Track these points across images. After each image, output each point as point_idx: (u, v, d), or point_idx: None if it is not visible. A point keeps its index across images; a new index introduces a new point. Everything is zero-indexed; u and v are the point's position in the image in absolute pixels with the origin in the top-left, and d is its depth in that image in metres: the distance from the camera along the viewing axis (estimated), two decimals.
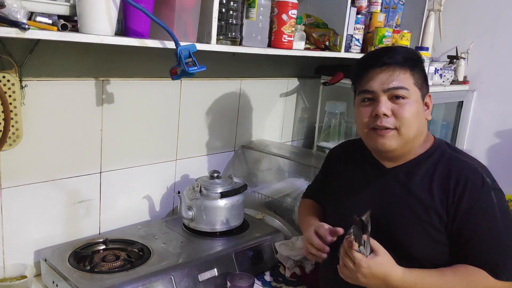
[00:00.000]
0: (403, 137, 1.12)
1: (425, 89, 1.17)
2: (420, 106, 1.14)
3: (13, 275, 1.31)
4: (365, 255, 1.00)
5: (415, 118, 1.12)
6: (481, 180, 1.09)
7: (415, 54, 1.18)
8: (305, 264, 1.48)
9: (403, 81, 1.11)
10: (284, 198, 1.78)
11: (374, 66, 1.13)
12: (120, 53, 1.44)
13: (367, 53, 1.25)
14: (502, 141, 2.32)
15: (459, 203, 1.08)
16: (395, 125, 1.11)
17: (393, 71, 1.11)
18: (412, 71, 1.13)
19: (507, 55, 2.27)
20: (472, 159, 1.17)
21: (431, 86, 2.02)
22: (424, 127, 1.18)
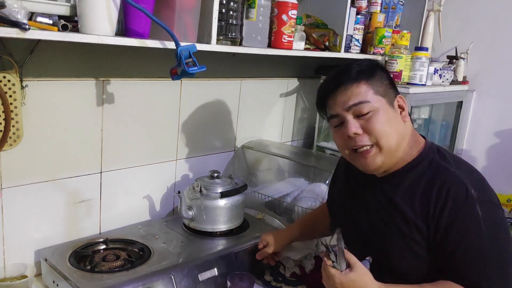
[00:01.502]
0: (385, 150, 1.08)
1: (392, 93, 1.12)
2: (390, 112, 1.09)
3: (13, 274, 1.32)
4: (339, 270, 1.01)
5: (390, 127, 1.08)
6: (464, 192, 1.02)
7: (367, 64, 1.13)
8: (305, 264, 1.48)
9: (361, 95, 1.07)
10: (284, 198, 1.78)
11: (330, 90, 1.12)
12: (120, 53, 1.45)
13: (324, 79, 1.20)
14: (501, 141, 2.33)
15: (440, 217, 1.03)
16: (372, 141, 1.07)
17: (348, 88, 1.08)
18: (368, 81, 1.08)
19: (507, 55, 2.28)
20: (462, 168, 1.10)
21: (431, 87, 2.04)
22: (406, 131, 1.12)
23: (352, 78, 1.09)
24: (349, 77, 1.09)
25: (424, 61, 1.94)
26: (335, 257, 1.02)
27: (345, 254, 1.01)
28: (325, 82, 1.17)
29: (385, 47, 1.99)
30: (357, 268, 1.02)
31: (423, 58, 1.93)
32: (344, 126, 1.10)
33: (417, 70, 1.93)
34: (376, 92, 1.09)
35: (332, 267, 1.02)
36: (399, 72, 1.89)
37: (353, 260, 1.02)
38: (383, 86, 1.10)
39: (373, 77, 1.10)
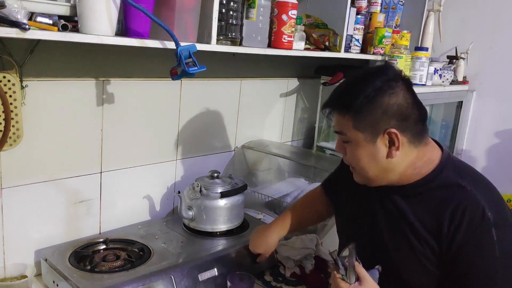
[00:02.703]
0: (362, 176, 1.09)
1: (380, 128, 1.01)
2: (367, 148, 1.03)
3: (13, 274, 1.32)
4: (349, 283, 1.01)
5: (363, 162, 1.05)
6: (481, 214, 0.98)
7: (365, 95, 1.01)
8: (305, 264, 1.48)
9: (342, 126, 1.06)
10: (284, 198, 1.78)
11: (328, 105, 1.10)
12: (120, 53, 1.45)
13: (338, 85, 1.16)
14: (501, 141, 2.33)
15: (453, 237, 0.99)
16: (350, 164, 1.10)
17: (336, 114, 1.07)
18: (353, 114, 1.02)
19: (507, 55, 2.28)
20: (479, 185, 1.04)
21: (431, 86, 2.04)
22: (392, 165, 1.04)
23: (340, 107, 1.05)
24: (340, 104, 1.06)
25: (424, 61, 1.94)
26: (345, 271, 1.01)
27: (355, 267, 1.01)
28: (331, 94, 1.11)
29: (385, 47, 1.99)
30: (367, 281, 1.00)
31: (423, 58, 1.93)
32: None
33: (417, 70, 1.94)
34: (356, 126, 1.03)
35: (341, 280, 1.01)
36: None
37: (362, 273, 1.01)
38: (370, 119, 1.01)
39: (361, 110, 1.01)
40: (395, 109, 1.01)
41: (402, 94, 1.01)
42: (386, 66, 1.09)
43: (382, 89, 1.00)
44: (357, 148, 1.05)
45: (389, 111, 1.01)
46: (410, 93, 1.04)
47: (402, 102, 1.01)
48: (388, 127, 1.01)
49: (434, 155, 1.08)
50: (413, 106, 1.03)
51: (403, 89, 1.02)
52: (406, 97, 1.02)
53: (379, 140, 1.02)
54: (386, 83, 1.01)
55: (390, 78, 1.03)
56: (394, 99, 1.00)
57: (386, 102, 1.00)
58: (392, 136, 1.01)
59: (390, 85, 1.01)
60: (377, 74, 1.04)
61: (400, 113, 1.01)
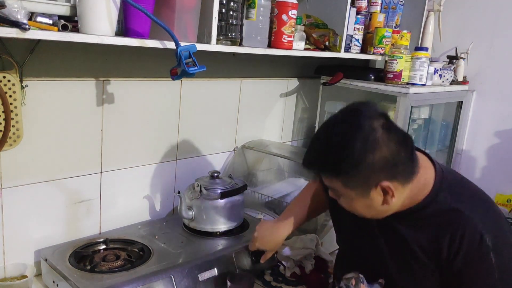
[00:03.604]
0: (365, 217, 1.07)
1: (370, 183, 0.98)
2: (362, 201, 1.01)
3: (13, 274, 1.32)
4: None
5: (361, 210, 1.04)
6: (479, 240, 0.98)
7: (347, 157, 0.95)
8: (305, 264, 1.48)
9: (330, 183, 1.03)
10: (284, 198, 1.78)
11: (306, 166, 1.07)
12: (121, 53, 1.45)
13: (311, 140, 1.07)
14: (501, 141, 2.33)
15: (453, 262, 1.00)
16: None
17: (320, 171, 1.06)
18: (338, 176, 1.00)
19: (507, 55, 2.28)
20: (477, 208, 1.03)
21: (431, 87, 2.04)
22: (388, 207, 1.02)
23: (324, 170, 1.03)
24: (322, 167, 1.03)
25: (424, 61, 1.94)
26: None
27: None
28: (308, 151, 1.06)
29: (385, 47, 2.00)
30: None
31: (423, 58, 1.93)
32: None
33: (417, 70, 1.93)
34: (344, 185, 1.00)
35: None
36: (399, 72, 1.89)
37: None
38: (358, 178, 0.98)
39: (346, 173, 0.98)
40: (382, 164, 0.96)
41: (384, 143, 0.95)
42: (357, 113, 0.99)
43: (364, 149, 0.94)
44: (351, 201, 1.04)
45: (376, 168, 0.96)
46: (391, 133, 0.97)
47: (387, 152, 0.95)
48: (379, 181, 0.98)
49: (428, 177, 1.05)
50: (398, 148, 0.97)
51: (383, 135, 0.95)
52: (389, 144, 0.95)
53: (372, 192, 1.00)
54: (366, 140, 0.94)
55: (366, 130, 0.95)
56: (378, 153, 0.95)
57: (371, 160, 0.95)
58: (385, 187, 0.98)
59: (370, 141, 0.94)
60: (352, 129, 0.96)
61: (388, 164, 0.96)
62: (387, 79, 1.92)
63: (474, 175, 2.37)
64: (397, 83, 1.89)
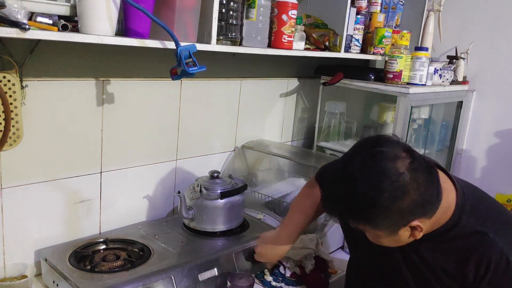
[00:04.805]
0: None
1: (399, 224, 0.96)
2: (391, 238, 1.01)
3: (13, 274, 1.32)
4: None
5: (389, 244, 1.04)
6: (505, 263, 0.98)
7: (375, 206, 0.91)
8: (305, 264, 1.48)
9: (358, 225, 1.01)
10: (284, 198, 1.78)
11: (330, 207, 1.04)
12: (121, 53, 1.45)
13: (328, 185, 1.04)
14: (501, 141, 2.33)
15: (479, 286, 1.01)
16: None
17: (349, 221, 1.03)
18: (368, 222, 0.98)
19: (507, 55, 2.27)
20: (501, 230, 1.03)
21: (431, 87, 2.03)
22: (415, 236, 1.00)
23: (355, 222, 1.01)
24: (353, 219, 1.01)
25: (424, 61, 1.93)
26: None
27: None
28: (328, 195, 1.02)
29: (385, 47, 2.00)
30: None
31: (423, 58, 1.93)
32: None
33: (417, 70, 1.93)
34: (374, 227, 0.99)
35: None
36: (399, 72, 1.89)
37: None
38: (388, 221, 0.95)
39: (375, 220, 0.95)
40: (411, 207, 0.92)
41: (412, 187, 0.91)
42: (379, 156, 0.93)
43: (393, 197, 0.90)
44: (378, 238, 1.03)
45: (405, 212, 0.93)
46: (417, 173, 0.92)
47: (415, 195, 0.91)
48: (408, 222, 0.96)
49: (450, 200, 1.03)
50: (426, 188, 0.93)
51: (410, 179, 0.91)
52: (417, 186, 0.91)
53: (401, 231, 0.98)
54: (394, 188, 0.90)
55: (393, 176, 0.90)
56: (407, 199, 0.91)
57: (400, 206, 0.91)
58: (414, 225, 0.97)
59: (398, 188, 0.90)
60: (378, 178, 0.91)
61: (417, 205, 0.93)
62: (387, 79, 1.92)
63: (474, 175, 2.37)
64: (397, 83, 1.89)
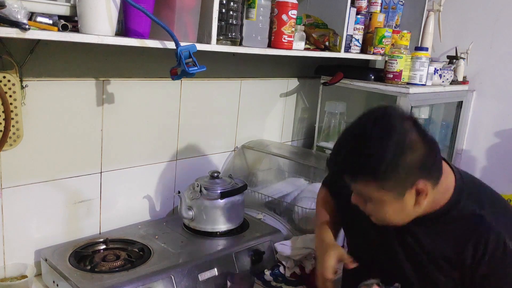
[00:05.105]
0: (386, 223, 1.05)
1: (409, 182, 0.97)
2: (396, 204, 0.99)
3: (13, 274, 1.32)
4: None
5: (390, 216, 1.02)
6: (502, 247, 0.98)
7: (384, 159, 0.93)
8: (305, 264, 1.48)
9: (363, 189, 1.00)
10: (284, 198, 1.78)
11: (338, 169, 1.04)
12: (121, 53, 1.45)
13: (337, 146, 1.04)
14: (501, 141, 2.33)
15: (477, 268, 1.00)
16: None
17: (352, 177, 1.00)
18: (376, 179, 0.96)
19: (507, 55, 2.28)
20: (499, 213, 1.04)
21: (431, 87, 2.04)
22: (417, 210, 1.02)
23: (359, 174, 0.98)
24: (357, 171, 0.98)
25: (424, 61, 1.94)
26: None
27: None
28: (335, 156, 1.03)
29: (385, 47, 2.00)
30: None
31: (423, 58, 1.93)
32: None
33: (417, 70, 1.93)
34: (381, 188, 0.97)
35: None
36: (399, 72, 1.89)
37: None
38: (396, 179, 0.96)
39: (385, 175, 0.95)
40: (418, 164, 0.95)
41: (419, 144, 0.95)
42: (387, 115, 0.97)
43: (400, 150, 0.93)
44: (383, 206, 1.00)
45: (413, 168, 0.95)
46: (422, 135, 0.96)
47: (422, 153, 0.95)
48: (415, 181, 0.97)
49: (449, 182, 1.05)
50: (430, 149, 0.97)
51: (417, 136, 0.95)
52: (423, 145, 0.95)
53: (407, 194, 0.98)
54: (402, 142, 0.94)
55: (400, 131, 0.94)
56: (415, 154, 0.94)
57: (408, 161, 0.94)
58: (420, 186, 0.97)
59: (406, 142, 0.94)
60: (386, 132, 0.94)
61: (423, 164, 0.96)
62: (387, 79, 1.92)
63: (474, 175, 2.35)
64: (397, 83, 1.89)
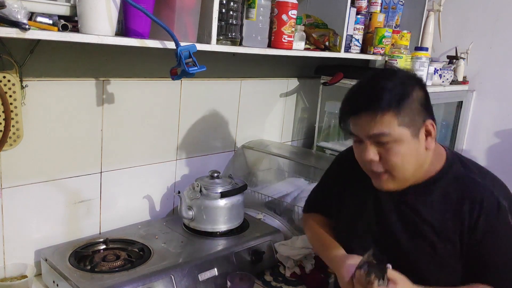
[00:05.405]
0: (398, 178, 1.07)
1: (420, 120, 1.05)
2: (412, 143, 1.04)
3: (13, 274, 1.32)
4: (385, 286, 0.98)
5: (407, 159, 1.05)
6: (497, 205, 1.03)
7: (401, 88, 1.03)
8: (305, 264, 1.48)
9: (384, 127, 1.02)
10: (284, 198, 1.78)
11: (355, 111, 1.06)
12: (121, 53, 1.45)
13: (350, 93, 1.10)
14: (501, 141, 2.33)
15: (474, 230, 1.04)
16: (386, 168, 1.06)
17: (372, 116, 1.02)
18: (395, 111, 1.01)
19: (507, 55, 2.28)
20: (488, 178, 1.10)
21: (431, 87, 2.04)
22: (426, 157, 1.09)
23: (380, 107, 1.01)
24: (377, 105, 1.02)
25: (424, 61, 1.94)
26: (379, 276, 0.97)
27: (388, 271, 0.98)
28: (352, 99, 1.09)
29: (385, 47, 1.99)
30: (399, 278, 0.99)
31: (423, 58, 1.93)
32: (363, 148, 1.07)
33: (417, 70, 1.93)
34: (401, 123, 1.02)
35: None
36: None
37: (395, 275, 0.99)
38: (411, 114, 1.03)
39: (403, 105, 1.02)
40: (423, 101, 1.06)
41: (422, 87, 1.07)
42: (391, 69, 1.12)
43: (409, 83, 1.05)
44: (402, 146, 1.04)
45: (421, 103, 1.05)
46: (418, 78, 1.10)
47: (423, 91, 1.07)
48: (425, 118, 1.06)
49: (441, 150, 1.15)
50: (427, 93, 1.09)
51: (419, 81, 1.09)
52: (420, 85, 1.07)
53: (421, 132, 1.06)
54: (405, 78, 1.06)
55: (406, 75, 1.08)
56: (418, 91, 1.05)
57: (416, 95, 1.04)
58: (429, 126, 1.06)
59: (409, 78, 1.07)
60: (395, 76, 1.07)
61: (426, 103, 1.07)
62: None
63: None
64: None
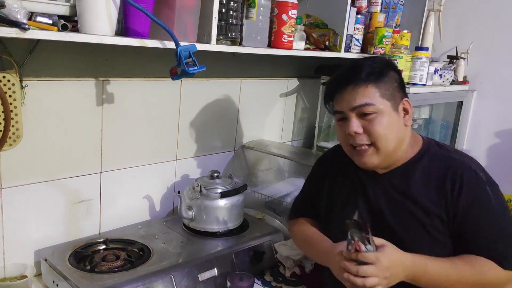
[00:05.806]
0: (382, 151, 1.12)
1: (398, 97, 1.15)
2: (394, 116, 1.13)
3: (13, 274, 1.32)
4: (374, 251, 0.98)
5: (390, 130, 1.12)
6: (475, 177, 1.11)
7: (379, 65, 1.14)
8: (305, 264, 1.48)
9: (367, 97, 1.10)
10: (284, 198, 1.78)
11: (339, 88, 1.14)
12: (120, 53, 1.45)
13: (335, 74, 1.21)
14: (502, 141, 2.33)
15: (457, 202, 1.10)
16: (370, 140, 1.12)
17: (355, 89, 1.11)
18: (376, 83, 1.11)
19: (507, 55, 2.27)
20: (463, 155, 1.19)
21: (431, 86, 2.04)
22: (406, 134, 1.17)
23: (362, 79, 1.11)
24: (358, 77, 1.11)
25: (424, 61, 1.93)
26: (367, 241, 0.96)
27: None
28: (335, 78, 1.19)
29: (385, 47, 1.99)
30: (385, 242, 1.02)
31: (423, 58, 1.93)
32: (346, 124, 1.13)
33: (417, 70, 1.93)
34: (382, 95, 1.11)
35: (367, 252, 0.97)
36: None
37: (380, 240, 1.01)
38: (391, 88, 1.13)
39: (382, 79, 1.12)
40: (399, 81, 1.16)
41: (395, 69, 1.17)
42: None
43: (387, 64, 1.16)
44: (386, 117, 1.11)
45: (398, 82, 1.16)
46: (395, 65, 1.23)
47: (398, 74, 1.18)
48: (403, 96, 1.16)
49: (417, 136, 1.23)
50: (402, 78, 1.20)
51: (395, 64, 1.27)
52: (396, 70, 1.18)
53: (400, 108, 1.15)
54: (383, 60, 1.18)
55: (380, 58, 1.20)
56: (394, 73, 1.16)
57: (393, 75, 1.15)
58: (406, 104, 1.16)
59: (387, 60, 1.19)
60: (369, 57, 1.23)
61: (403, 85, 1.18)
62: None
63: None
64: None
